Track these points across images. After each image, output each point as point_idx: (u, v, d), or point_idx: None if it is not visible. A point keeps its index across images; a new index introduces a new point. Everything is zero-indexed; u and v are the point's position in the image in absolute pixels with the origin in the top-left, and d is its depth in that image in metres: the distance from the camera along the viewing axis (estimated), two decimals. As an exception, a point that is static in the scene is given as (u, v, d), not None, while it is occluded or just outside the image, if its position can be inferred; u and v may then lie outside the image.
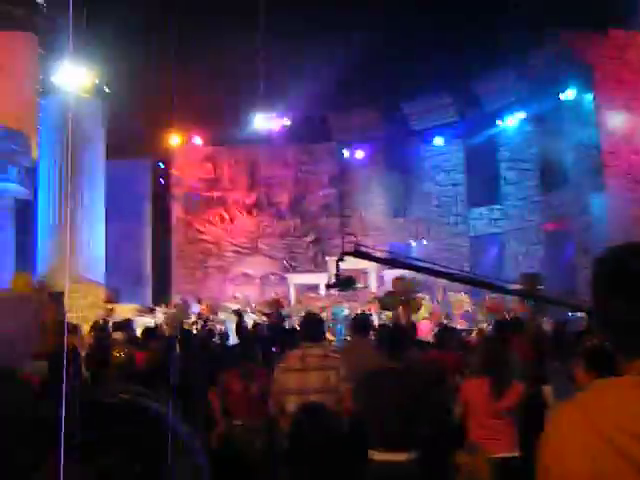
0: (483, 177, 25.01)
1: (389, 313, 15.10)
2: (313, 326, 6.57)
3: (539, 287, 14.58)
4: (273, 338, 10.53)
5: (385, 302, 14.24)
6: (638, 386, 1.65)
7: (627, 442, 1.58)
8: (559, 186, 21.99)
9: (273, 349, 9.39)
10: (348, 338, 8.23)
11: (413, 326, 10.40)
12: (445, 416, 6.10)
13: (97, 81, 22.71)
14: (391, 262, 16.87)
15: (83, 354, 8.73)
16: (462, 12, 19.44)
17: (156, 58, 17.68)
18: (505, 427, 5.75)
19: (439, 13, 19.98)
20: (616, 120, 19.66)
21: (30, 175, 22.07)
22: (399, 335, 6.04)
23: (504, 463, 5.61)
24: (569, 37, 20.17)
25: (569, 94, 21.31)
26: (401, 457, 5.02)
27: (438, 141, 26.18)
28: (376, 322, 14.80)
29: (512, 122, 24.09)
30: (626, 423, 1.60)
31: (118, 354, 8.22)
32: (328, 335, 14.90)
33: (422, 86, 23.60)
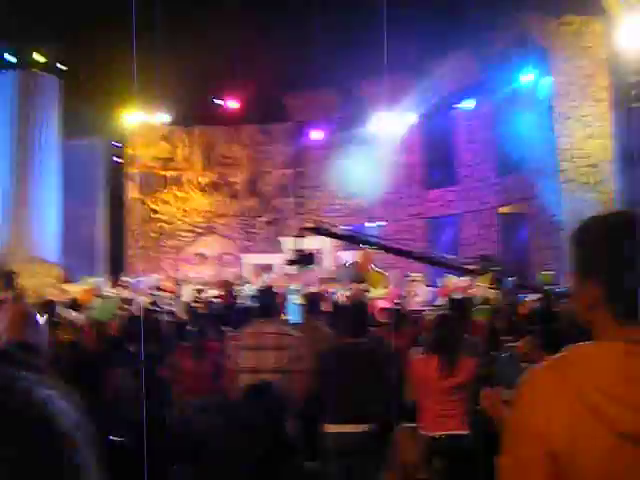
0: (440, 159, 25.10)
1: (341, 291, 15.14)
2: (267, 301, 6.49)
3: (495, 268, 14.72)
4: (226, 316, 10.47)
5: (344, 273, 14.22)
6: (624, 351, 1.64)
7: (606, 404, 1.57)
8: (515, 169, 22.14)
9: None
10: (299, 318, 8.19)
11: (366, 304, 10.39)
12: (398, 393, 6.09)
13: (53, 59, 22.35)
14: (351, 239, 16.97)
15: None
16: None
17: (114, 35, 17.39)
18: (455, 404, 5.76)
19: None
20: (572, 105, 19.85)
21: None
22: (360, 313, 6.02)
23: (453, 441, 5.63)
24: (526, 21, 20.29)
25: (526, 78, 21.44)
26: (357, 429, 5.02)
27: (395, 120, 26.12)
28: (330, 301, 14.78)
29: (469, 104, 24.16)
30: (606, 385, 1.59)
31: (65, 335, 8.12)
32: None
33: (379, 67, 23.54)
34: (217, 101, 26.54)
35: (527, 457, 1.66)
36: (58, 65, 22.64)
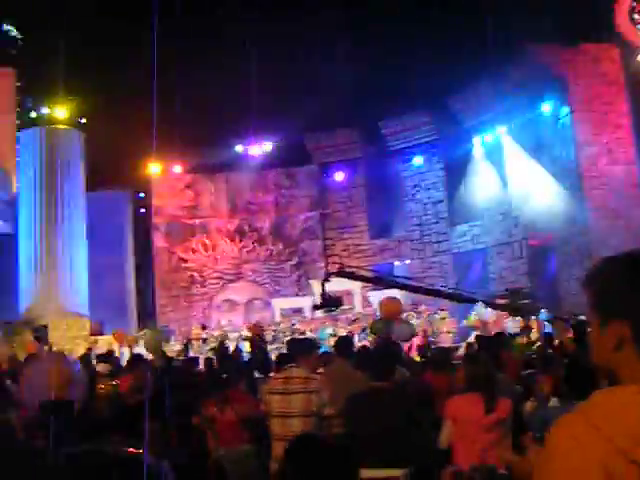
0: (463, 194, 25.05)
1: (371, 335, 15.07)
2: (298, 347, 6.50)
3: (524, 301, 14.62)
4: (255, 362, 10.45)
5: (376, 328, 14.16)
6: None
7: (633, 447, 1.55)
8: (539, 200, 22.03)
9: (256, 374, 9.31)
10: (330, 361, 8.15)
11: (398, 346, 10.32)
12: (434, 436, 6.02)
13: (75, 113, 22.69)
14: (377, 281, 16.95)
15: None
16: (437, 30, 19.62)
17: (134, 88, 17.65)
18: (497, 441, 5.68)
19: (414, 32, 20.14)
20: (593, 132, 19.82)
21: (10, 209, 22.01)
22: (387, 355, 5.99)
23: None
24: (543, 51, 20.34)
25: (546, 108, 21.39)
26: (394, 473, 4.97)
27: (417, 160, 26.17)
28: (359, 343, 14.74)
29: (490, 138, 24.08)
30: (631, 428, 1.57)
31: (103, 387, 8.13)
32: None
33: (399, 105, 23.71)
34: (240, 147, 26.74)
35: None
36: (82, 120, 22.99)
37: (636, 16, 19.41)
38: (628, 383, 1.69)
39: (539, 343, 11.36)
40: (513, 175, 23.28)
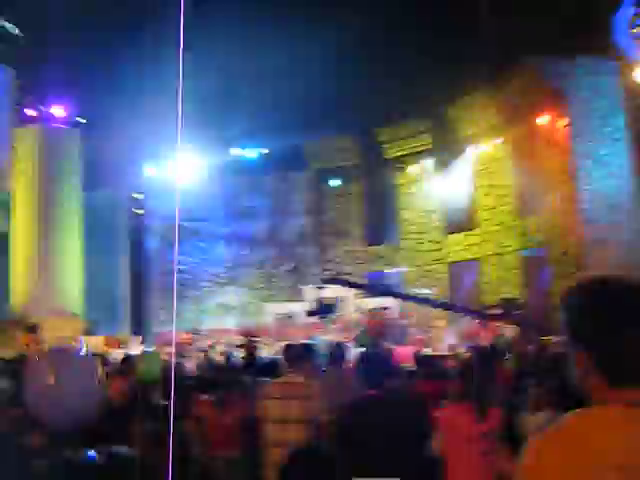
0: (459, 203, 25.05)
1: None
2: (295, 354, 6.50)
3: (517, 311, 14.65)
4: (248, 367, 10.44)
5: (360, 342, 14.19)
6: (623, 417, 1.65)
7: (609, 474, 1.57)
8: (534, 211, 22.08)
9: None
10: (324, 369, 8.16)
11: (390, 354, 10.31)
12: (428, 445, 6.02)
13: (73, 112, 22.68)
14: (369, 289, 16.95)
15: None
16: (435, 39, 19.66)
17: (132, 90, 17.69)
18: (488, 451, 5.68)
19: (412, 40, 20.19)
20: (589, 145, 19.86)
21: (5, 206, 21.96)
22: (380, 364, 5.98)
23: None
24: (541, 63, 20.40)
25: (543, 120, 21.42)
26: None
27: (413, 168, 26.19)
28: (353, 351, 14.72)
29: (486, 148, 24.12)
30: (607, 455, 1.59)
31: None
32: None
33: (396, 113, 23.76)
34: (236, 151, 26.76)
35: None
36: (77, 118, 22.94)
37: (635, 30, 19.46)
38: (597, 405, 1.72)
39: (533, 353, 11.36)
40: (509, 185, 23.34)
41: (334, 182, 27.73)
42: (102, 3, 19.68)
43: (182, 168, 26.87)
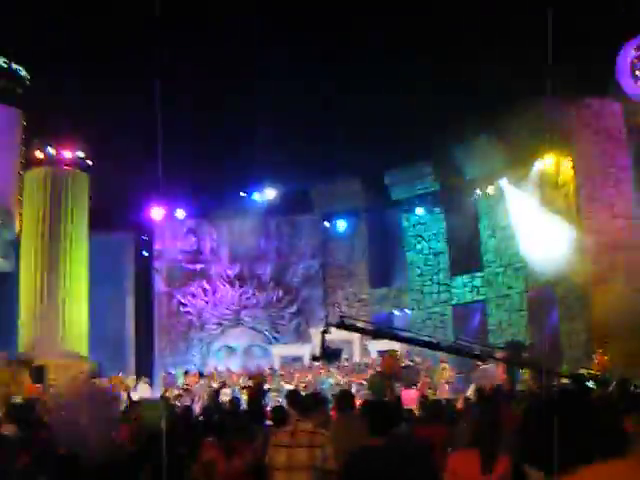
0: (464, 245, 25.00)
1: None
2: (305, 400, 6.47)
3: (524, 354, 14.55)
4: (251, 413, 10.35)
5: (373, 385, 14.06)
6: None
7: None
8: (539, 252, 22.03)
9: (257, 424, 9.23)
10: (332, 414, 8.12)
11: (398, 400, 10.27)
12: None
13: (80, 154, 22.84)
14: (376, 333, 16.91)
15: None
16: (440, 82, 19.82)
17: (139, 134, 17.81)
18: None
19: (414, 84, 20.37)
20: (594, 186, 19.90)
21: (13, 248, 22.04)
22: (385, 413, 5.96)
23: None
24: (545, 105, 20.50)
25: (547, 161, 21.46)
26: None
27: (419, 210, 26.22)
28: (358, 395, 14.63)
29: (492, 190, 24.12)
30: None
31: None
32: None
33: (402, 156, 23.87)
34: (243, 194, 26.88)
35: None
36: (86, 161, 23.11)
37: (638, 72, 19.59)
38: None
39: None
40: (515, 227, 23.31)
41: (340, 224, 27.77)
42: (115, 51, 19.95)
43: (188, 211, 27.01)
